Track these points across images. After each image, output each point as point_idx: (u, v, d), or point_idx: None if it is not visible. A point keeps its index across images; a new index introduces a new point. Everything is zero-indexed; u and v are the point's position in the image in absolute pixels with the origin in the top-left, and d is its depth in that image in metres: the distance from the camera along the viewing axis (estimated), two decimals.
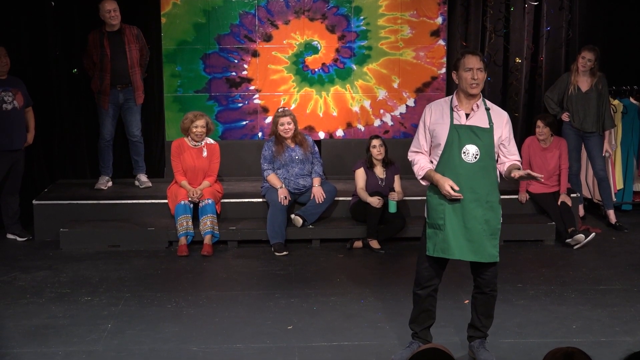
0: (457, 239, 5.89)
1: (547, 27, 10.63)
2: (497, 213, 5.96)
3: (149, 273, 8.40)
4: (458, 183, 5.82)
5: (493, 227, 5.93)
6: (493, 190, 5.91)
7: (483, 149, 5.82)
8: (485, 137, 5.84)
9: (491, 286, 6.10)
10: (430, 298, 6.18)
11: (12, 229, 9.54)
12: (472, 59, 5.84)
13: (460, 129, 5.84)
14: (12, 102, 9.20)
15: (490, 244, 5.92)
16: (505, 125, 5.93)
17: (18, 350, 6.51)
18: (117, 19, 9.67)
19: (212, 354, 6.43)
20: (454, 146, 5.84)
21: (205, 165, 9.37)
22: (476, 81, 5.80)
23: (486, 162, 5.85)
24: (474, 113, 5.88)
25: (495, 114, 5.93)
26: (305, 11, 10.54)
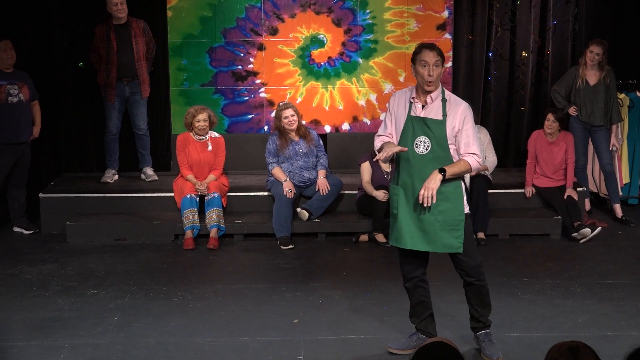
0: (410, 229, 5.93)
1: (554, 21, 10.61)
2: (455, 203, 5.90)
3: (155, 266, 8.43)
4: (410, 173, 5.89)
5: (451, 218, 5.89)
6: (447, 181, 5.82)
7: (434, 140, 5.82)
8: (437, 129, 5.82)
9: (475, 275, 6.07)
10: (420, 289, 6.20)
11: (18, 222, 9.56)
12: (429, 53, 5.80)
13: (414, 121, 5.87)
14: (17, 95, 9.22)
15: (448, 235, 5.90)
16: (459, 116, 5.84)
17: (24, 343, 6.54)
18: (124, 12, 9.68)
19: (218, 347, 6.45)
20: (407, 137, 5.87)
21: (211, 158, 9.38)
22: (431, 78, 5.77)
23: (438, 153, 5.83)
24: (428, 105, 5.88)
25: (452, 105, 5.88)
26: (311, 5, 10.53)
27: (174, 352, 6.36)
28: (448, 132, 5.83)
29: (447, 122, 5.83)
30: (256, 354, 6.33)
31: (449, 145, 5.85)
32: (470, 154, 5.85)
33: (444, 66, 5.92)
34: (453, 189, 5.88)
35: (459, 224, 5.92)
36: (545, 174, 9.57)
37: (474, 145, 5.87)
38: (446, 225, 5.88)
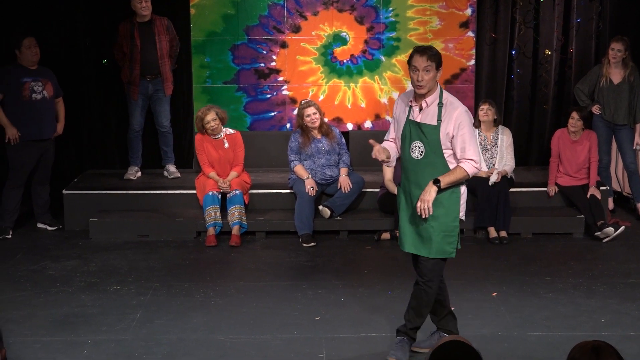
0: (408, 232, 5.94)
1: (578, 19, 10.55)
2: (449, 209, 5.80)
3: (178, 263, 8.45)
4: (406, 177, 5.89)
5: (445, 224, 5.81)
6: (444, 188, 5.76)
7: (428, 145, 5.75)
8: (431, 134, 5.74)
9: (425, 278, 5.93)
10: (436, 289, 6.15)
11: (42, 219, 9.61)
12: (419, 58, 5.71)
13: (412, 125, 5.83)
14: (41, 92, 9.26)
15: (442, 241, 5.82)
16: (454, 121, 5.71)
17: (48, 338, 6.57)
18: (148, 10, 9.70)
19: (239, 344, 6.46)
20: (405, 141, 5.85)
21: (230, 155, 9.38)
22: (420, 83, 5.70)
23: (432, 158, 5.76)
24: (424, 109, 5.81)
25: (447, 109, 5.76)
26: (334, 2, 10.52)
27: (196, 349, 6.38)
28: (442, 138, 5.73)
29: (441, 127, 5.73)
30: (278, 351, 6.33)
31: (443, 150, 5.75)
32: (467, 159, 5.73)
33: (439, 70, 5.75)
34: (449, 195, 5.79)
35: (452, 230, 5.85)
36: (568, 173, 9.52)
37: (470, 149, 5.73)
38: (440, 230, 5.81)
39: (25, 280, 7.94)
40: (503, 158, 9.38)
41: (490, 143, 9.41)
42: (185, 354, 6.29)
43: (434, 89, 5.81)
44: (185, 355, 6.28)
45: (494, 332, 6.62)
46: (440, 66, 5.79)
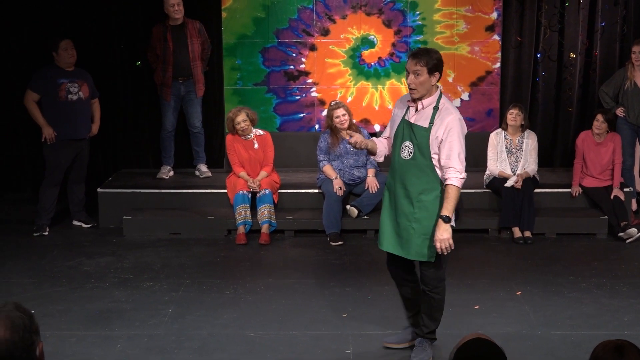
0: (388, 232, 5.92)
1: (602, 23, 10.49)
2: (431, 213, 5.72)
3: (209, 260, 8.48)
4: (392, 176, 5.87)
5: (426, 227, 5.73)
6: (429, 190, 5.71)
7: (417, 147, 5.70)
8: (421, 136, 5.69)
9: (429, 286, 5.89)
10: (405, 287, 6.18)
11: (77, 216, 9.67)
12: (410, 61, 5.68)
13: (405, 125, 5.80)
14: (77, 93, 9.31)
15: (422, 244, 5.76)
16: (445, 126, 5.63)
17: (83, 332, 6.63)
18: (181, 13, 9.74)
19: (268, 340, 6.48)
20: (397, 140, 5.83)
21: (260, 155, 9.40)
22: (411, 86, 5.68)
23: (420, 161, 5.70)
24: (420, 111, 5.77)
25: (441, 114, 5.68)
26: (362, 6, 10.53)
27: (226, 344, 6.41)
28: (431, 141, 5.66)
29: (431, 131, 5.67)
30: (306, 347, 6.35)
31: (431, 154, 5.68)
32: (450, 168, 5.61)
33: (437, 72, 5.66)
34: (433, 199, 5.73)
35: (429, 234, 5.75)
36: (592, 174, 9.48)
37: (455, 159, 5.62)
38: (420, 233, 5.75)
39: (61, 276, 8.00)
40: (526, 161, 9.35)
41: (516, 147, 9.37)
42: (215, 349, 6.32)
43: (432, 92, 5.74)
44: (215, 350, 6.31)
45: (518, 331, 6.61)
46: (436, 71, 5.67)
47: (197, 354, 6.26)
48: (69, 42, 9.26)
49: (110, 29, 10.51)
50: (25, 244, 8.98)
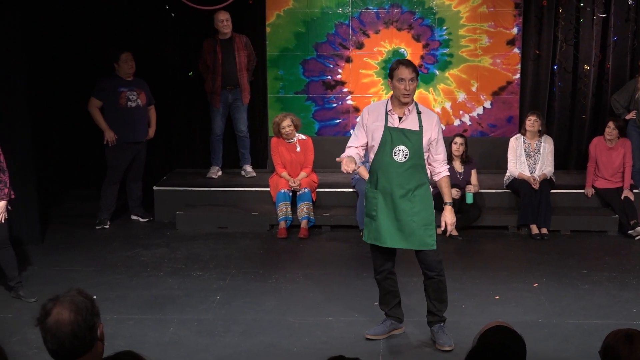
0: (389, 229, 5.88)
1: (614, 37, 10.37)
2: (428, 205, 5.87)
3: (253, 252, 8.50)
4: (389, 179, 5.82)
5: (426, 218, 5.85)
6: (422, 184, 5.84)
7: (412, 149, 5.76)
8: (415, 138, 5.76)
9: (436, 270, 5.97)
10: (389, 280, 6.18)
11: (135, 211, 9.74)
12: (405, 70, 5.71)
13: (392, 131, 5.79)
14: (136, 101, 9.37)
15: (424, 234, 5.85)
16: (434, 127, 5.82)
17: (140, 316, 6.68)
18: (229, 28, 9.76)
19: (306, 325, 6.49)
20: (386, 146, 5.80)
21: (301, 158, 9.41)
22: (408, 92, 5.70)
23: (415, 161, 5.79)
24: (406, 117, 5.80)
25: (426, 117, 5.84)
26: (393, 22, 10.50)
27: (268, 329, 6.42)
28: (424, 142, 5.79)
29: (423, 133, 5.77)
30: (341, 332, 6.35)
31: (423, 153, 5.81)
32: (442, 162, 5.93)
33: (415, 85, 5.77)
34: (424, 192, 5.85)
35: (431, 222, 5.86)
36: (604, 177, 9.39)
37: (444, 153, 5.96)
38: (421, 224, 5.83)
39: (120, 265, 8.06)
40: (544, 164, 9.29)
41: (534, 150, 9.31)
42: (258, 333, 6.34)
43: (411, 100, 5.82)
44: (258, 333, 6.33)
45: (535, 319, 6.57)
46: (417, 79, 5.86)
47: (242, 336, 6.28)
48: (128, 55, 9.33)
49: (166, 43, 10.57)
50: (88, 236, 9.06)
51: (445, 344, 6.00)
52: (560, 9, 10.42)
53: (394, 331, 6.26)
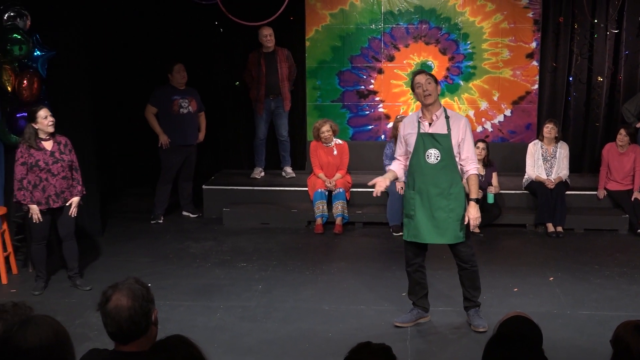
0: (426, 226, 5.88)
1: (626, 51, 10.24)
2: (461, 202, 5.89)
3: (292, 246, 8.51)
4: (424, 180, 5.85)
5: (458, 214, 5.86)
6: (455, 183, 5.86)
7: (443, 151, 5.79)
8: (444, 141, 5.79)
9: (469, 262, 6.03)
10: (419, 273, 6.17)
11: (186, 208, 9.80)
12: (419, 77, 5.82)
13: (424, 137, 5.82)
14: (187, 108, 9.44)
15: (457, 228, 5.87)
16: (461, 129, 5.82)
17: (190, 303, 6.72)
18: (272, 42, 9.79)
19: (340, 313, 6.49)
20: (420, 151, 5.83)
21: (337, 161, 9.42)
22: (427, 92, 5.75)
23: (447, 162, 5.81)
24: (434, 122, 5.83)
25: (453, 120, 5.85)
26: (422, 37, 10.46)
27: (306, 316, 6.43)
28: (453, 143, 5.81)
29: (452, 135, 5.79)
30: (372, 320, 6.35)
31: (454, 154, 5.83)
32: (470, 160, 5.87)
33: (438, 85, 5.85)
34: (458, 190, 5.88)
35: (462, 217, 5.87)
36: (616, 179, 9.28)
37: (473, 152, 5.90)
38: (454, 220, 5.86)
39: (172, 256, 8.11)
40: (560, 167, 9.21)
41: (550, 155, 9.23)
42: (297, 319, 6.35)
43: (438, 105, 5.86)
44: (297, 320, 6.34)
45: (551, 310, 6.51)
46: (438, 84, 5.88)
47: (281, 322, 6.30)
48: (181, 66, 9.40)
49: (215, 55, 10.62)
50: (144, 230, 9.13)
51: (480, 325, 6.05)
52: (575, 25, 10.32)
53: (420, 319, 6.25)
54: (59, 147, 6.82)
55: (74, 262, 7.13)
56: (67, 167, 6.84)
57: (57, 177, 6.79)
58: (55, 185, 6.79)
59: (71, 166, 6.90)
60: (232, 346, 5.85)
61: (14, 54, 7.67)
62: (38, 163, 6.72)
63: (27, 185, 6.75)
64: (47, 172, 6.75)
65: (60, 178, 6.80)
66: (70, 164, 6.89)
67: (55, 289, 7.14)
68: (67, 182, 6.87)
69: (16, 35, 7.63)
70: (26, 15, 7.84)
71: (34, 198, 6.76)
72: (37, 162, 6.72)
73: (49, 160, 6.75)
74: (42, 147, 6.76)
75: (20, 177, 6.74)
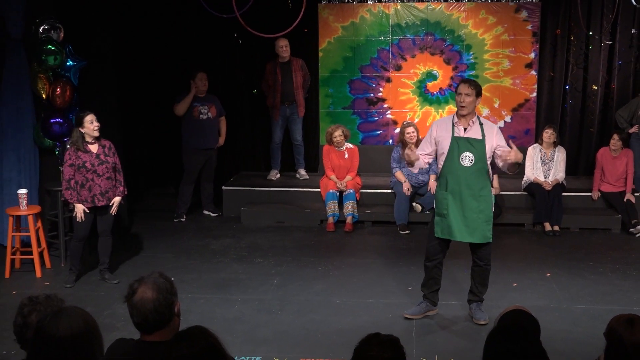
0: (458, 225, 5.84)
1: (619, 62, 10.20)
2: (489, 203, 5.85)
3: (305, 243, 8.51)
4: (457, 182, 5.80)
5: (487, 215, 5.84)
6: (485, 186, 5.83)
7: (477, 155, 5.74)
8: (479, 146, 5.74)
9: (485, 261, 6.02)
10: (436, 269, 6.13)
11: (207, 207, 9.80)
12: (462, 85, 5.76)
13: (459, 140, 5.76)
14: (207, 113, 9.44)
15: (485, 228, 5.85)
16: (495, 135, 5.78)
17: (210, 295, 6.73)
18: (287, 53, 9.80)
19: (350, 306, 6.48)
20: (454, 153, 5.78)
21: (348, 164, 9.41)
22: (462, 103, 5.70)
23: (479, 165, 5.76)
24: (470, 127, 5.79)
25: (487, 127, 5.81)
26: (427, 48, 10.44)
27: (318, 308, 6.43)
28: (487, 149, 5.76)
29: (486, 141, 5.75)
30: (379, 312, 6.34)
31: (487, 158, 5.79)
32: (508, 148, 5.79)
33: (479, 97, 5.77)
34: (487, 192, 5.85)
35: (490, 219, 5.87)
36: (609, 182, 9.24)
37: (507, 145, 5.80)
38: (483, 220, 5.83)
39: (194, 252, 8.13)
40: (557, 170, 9.18)
41: (549, 158, 9.21)
42: (309, 311, 6.35)
43: (473, 113, 5.81)
44: (309, 312, 6.34)
45: (548, 304, 6.48)
46: (480, 96, 5.80)
47: (295, 314, 6.30)
48: (203, 74, 9.41)
49: (235, 65, 10.64)
50: (167, 228, 9.15)
51: (481, 318, 6.05)
52: (572, 37, 10.29)
53: (428, 312, 6.22)
54: (104, 150, 6.90)
55: (106, 257, 7.16)
56: (111, 168, 6.92)
57: (102, 177, 6.85)
58: (100, 185, 6.86)
59: (114, 168, 6.97)
60: (249, 336, 5.85)
61: (48, 64, 7.72)
62: (85, 164, 6.80)
63: (75, 185, 6.83)
64: (93, 173, 6.82)
65: (104, 179, 6.87)
66: (114, 166, 6.97)
67: (85, 282, 7.16)
68: (111, 183, 6.95)
69: (51, 47, 7.68)
70: (60, 28, 7.89)
71: (80, 197, 6.83)
72: (84, 164, 6.80)
73: (95, 162, 6.83)
74: (88, 150, 6.85)
75: (69, 178, 6.82)
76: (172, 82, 10.15)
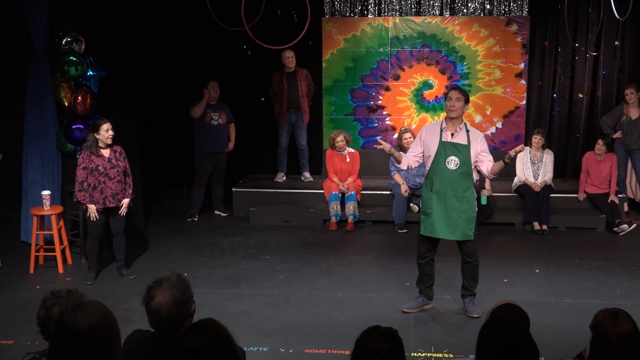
0: (441, 224, 5.85)
1: (603, 71, 10.18)
2: (472, 205, 5.87)
3: (309, 241, 8.50)
4: (443, 183, 5.81)
5: (469, 215, 5.85)
6: (469, 188, 5.84)
7: (462, 159, 5.76)
8: (464, 151, 5.76)
9: (473, 257, 6.01)
10: (429, 266, 6.14)
11: (218, 208, 9.80)
12: (452, 92, 5.79)
13: (446, 145, 5.78)
14: (217, 120, 9.45)
15: (467, 227, 5.85)
16: (480, 142, 5.82)
17: (220, 291, 6.72)
18: (293, 63, 9.79)
19: (352, 300, 6.47)
20: (441, 157, 5.79)
21: (350, 167, 9.40)
22: (453, 107, 5.72)
23: (464, 169, 5.78)
24: (457, 133, 5.80)
25: (473, 134, 5.83)
26: (424, 59, 10.43)
27: (321, 302, 6.42)
28: (472, 154, 5.78)
29: (471, 147, 5.78)
30: (379, 306, 6.33)
31: (471, 162, 5.82)
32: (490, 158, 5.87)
33: (467, 104, 5.81)
34: (470, 194, 5.86)
35: (473, 218, 5.87)
36: (594, 184, 9.22)
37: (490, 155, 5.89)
38: (465, 220, 5.84)
39: (205, 249, 8.13)
40: (545, 171, 9.17)
41: (538, 159, 9.20)
42: (313, 305, 6.34)
43: (461, 120, 5.83)
44: (313, 306, 6.33)
45: (536, 299, 6.46)
46: (468, 103, 5.83)
47: (300, 308, 6.29)
48: (215, 83, 9.42)
49: (244, 74, 10.65)
50: (181, 227, 9.15)
51: (474, 312, 6.04)
52: (559, 49, 10.28)
53: (424, 306, 6.22)
54: (115, 155, 6.90)
55: (122, 255, 7.16)
56: (121, 172, 6.92)
57: (113, 180, 6.85)
58: (112, 187, 6.85)
59: (125, 172, 6.97)
60: (257, 328, 5.85)
61: (70, 74, 7.73)
62: (98, 168, 6.80)
63: (87, 188, 6.82)
64: (105, 176, 6.82)
65: (115, 181, 6.86)
66: (124, 170, 6.96)
67: (104, 277, 7.16)
68: (121, 185, 6.94)
69: (72, 58, 7.69)
70: (81, 40, 7.90)
71: (92, 198, 6.83)
72: (97, 167, 6.80)
73: (107, 166, 6.83)
74: (101, 154, 6.84)
75: (82, 180, 6.81)
76: (185, 90, 10.16)
